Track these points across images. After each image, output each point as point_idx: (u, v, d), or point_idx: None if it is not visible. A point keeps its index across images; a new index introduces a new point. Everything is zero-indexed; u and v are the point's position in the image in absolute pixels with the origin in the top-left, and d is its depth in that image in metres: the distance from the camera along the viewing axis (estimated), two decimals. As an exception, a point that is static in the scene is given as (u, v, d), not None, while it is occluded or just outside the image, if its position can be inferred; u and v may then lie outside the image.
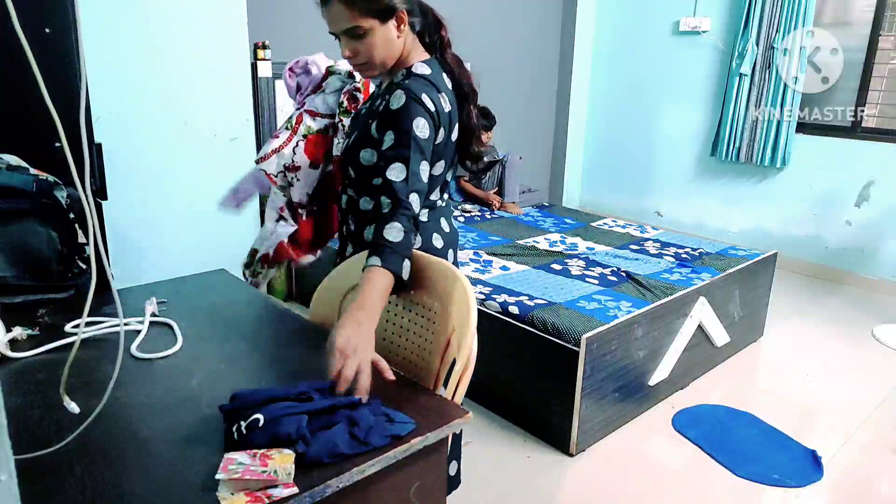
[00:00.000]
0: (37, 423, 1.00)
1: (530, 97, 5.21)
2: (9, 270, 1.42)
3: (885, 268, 4.11)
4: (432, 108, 1.36)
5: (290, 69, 1.92)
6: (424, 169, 1.34)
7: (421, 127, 1.33)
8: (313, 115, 1.79)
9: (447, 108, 1.42)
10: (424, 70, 1.41)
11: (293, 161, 1.81)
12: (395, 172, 1.31)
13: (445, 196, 1.60)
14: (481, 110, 4.28)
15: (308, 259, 1.88)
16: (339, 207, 1.62)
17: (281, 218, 1.90)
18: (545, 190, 5.59)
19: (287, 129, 1.83)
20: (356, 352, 1.08)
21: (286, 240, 1.86)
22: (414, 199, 1.30)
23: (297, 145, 1.81)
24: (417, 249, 1.47)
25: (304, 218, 1.86)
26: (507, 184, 4.16)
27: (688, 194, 5.00)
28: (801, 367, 3.10)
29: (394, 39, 1.38)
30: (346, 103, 1.80)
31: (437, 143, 1.41)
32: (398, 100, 1.35)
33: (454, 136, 1.48)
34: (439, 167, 1.47)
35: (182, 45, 2.75)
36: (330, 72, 1.85)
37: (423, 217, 1.52)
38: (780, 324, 3.52)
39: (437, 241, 1.53)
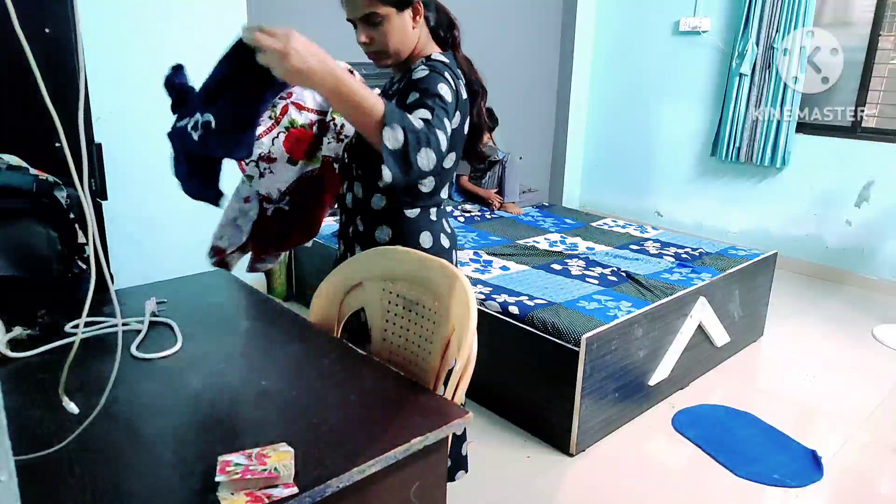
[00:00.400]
0: (37, 423, 1.00)
1: (530, 97, 5.20)
2: (9, 270, 1.42)
3: (885, 268, 4.11)
4: (454, 87, 1.36)
5: None
6: (447, 125, 1.26)
7: (445, 90, 1.31)
8: (300, 107, 1.71)
9: (464, 95, 1.43)
10: (443, 59, 1.43)
11: (269, 151, 1.69)
12: (421, 114, 1.25)
13: (446, 197, 1.60)
14: (487, 111, 4.28)
15: (265, 265, 1.75)
16: (344, 208, 1.61)
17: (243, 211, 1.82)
18: (545, 190, 5.58)
19: (270, 118, 1.74)
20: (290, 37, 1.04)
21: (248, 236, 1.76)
22: (441, 134, 1.21)
23: (276, 136, 1.70)
24: (428, 249, 1.47)
25: (268, 213, 1.78)
26: (507, 184, 4.15)
27: (688, 194, 5.00)
28: (801, 367, 3.10)
29: (409, 30, 1.40)
30: None
31: (454, 128, 1.39)
32: (421, 72, 1.35)
33: (466, 128, 1.48)
34: (451, 159, 1.47)
35: (182, 44, 2.75)
36: None
37: (433, 216, 1.52)
38: (780, 324, 3.52)
39: (445, 242, 1.54)
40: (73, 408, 0.96)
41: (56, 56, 1.73)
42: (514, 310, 2.48)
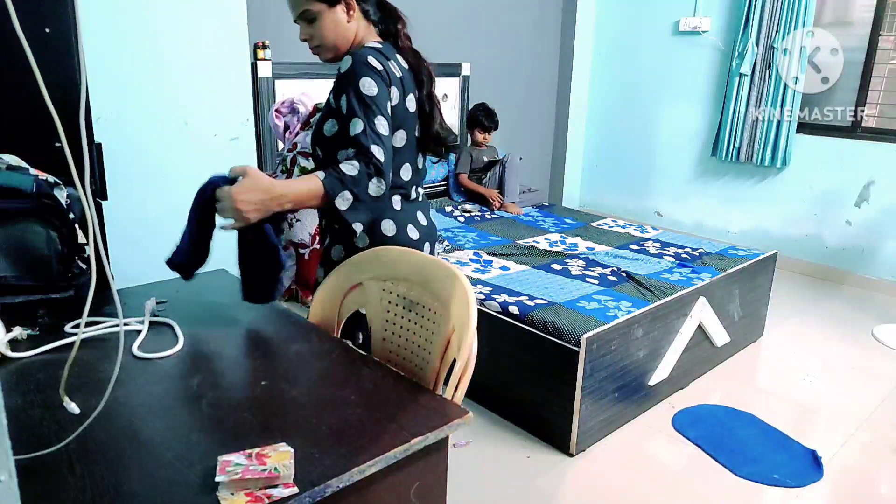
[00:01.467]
0: (37, 423, 1.00)
1: (530, 97, 5.20)
2: (9, 270, 1.42)
3: (885, 268, 4.11)
4: (379, 68, 1.41)
5: (277, 110, 1.88)
6: (382, 124, 1.37)
7: (367, 85, 1.38)
8: (306, 155, 1.76)
9: (398, 73, 1.47)
10: (376, 44, 1.49)
11: None
12: (355, 126, 1.36)
13: (420, 190, 1.61)
14: (486, 111, 4.28)
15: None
16: None
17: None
18: (545, 190, 5.58)
19: (283, 171, 1.78)
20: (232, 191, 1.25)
21: (293, 280, 1.82)
22: (377, 150, 1.34)
23: None
24: (392, 238, 1.50)
25: (305, 258, 1.81)
26: (508, 184, 4.15)
27: (688, 194, 5.00)
28: (801, 367, 3.10)
29: (343, 24, 1.47)
30: None
31: (394, 104, 1.44)
32: (345, 63, 1.42)
33: (411, 105, 1.50)
34: (400, 137, 1.49)
35: (182, 45, 2.75)
36: (318, 108, 1.82)
37: (397, 205, 1.53)
38: (780, 324, 3.52)
39: (413, 233, 1.55)
40: (73, 408, 0.96)
41: (56, 56, 1.73)
42: (514, 310, 2.48)
